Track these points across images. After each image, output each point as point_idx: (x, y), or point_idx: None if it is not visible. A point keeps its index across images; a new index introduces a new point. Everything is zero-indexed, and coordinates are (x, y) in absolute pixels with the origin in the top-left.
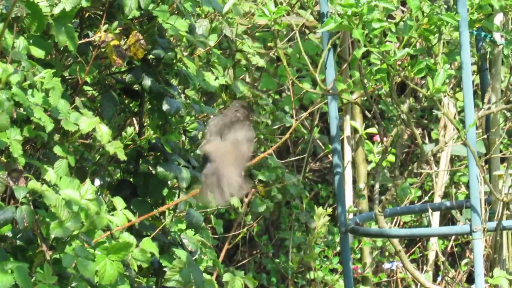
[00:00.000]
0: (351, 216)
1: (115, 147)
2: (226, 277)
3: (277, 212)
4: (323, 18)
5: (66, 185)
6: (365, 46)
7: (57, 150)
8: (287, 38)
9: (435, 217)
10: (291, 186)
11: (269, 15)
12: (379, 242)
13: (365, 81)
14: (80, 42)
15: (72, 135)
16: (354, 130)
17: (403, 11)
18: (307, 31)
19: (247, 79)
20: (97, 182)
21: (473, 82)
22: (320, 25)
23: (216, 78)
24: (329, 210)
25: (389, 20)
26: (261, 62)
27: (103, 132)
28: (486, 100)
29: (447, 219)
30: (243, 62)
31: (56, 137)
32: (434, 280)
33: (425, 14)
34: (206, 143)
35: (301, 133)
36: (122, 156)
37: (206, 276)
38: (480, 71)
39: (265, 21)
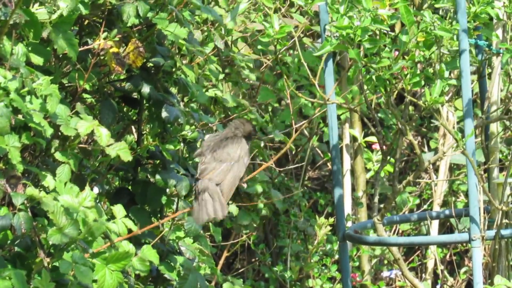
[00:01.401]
0: (349, 224)
1: (119, 148)
2: (225, 286)
3: (275, 220)
4: (322, 25)
5: (67, 191)
6: (361, 63)
7: (59, 156)
8: (286, 47)
9: (434, 225)
10: (278, 201)
11: (273, 34)
12: (378, 250)
13: (365, 87)
14: (79, 49)
15: (72, 140)
16: (353, 138)
17: (403, 24)
18: (302, 36)
19: (238, 93)
20: (96, 190)
21: (472, 90)
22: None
23: (207, 90)
24: (331, 220)
25: (387, 32)
26: (252, 77)
27: (102, 133)
28: (485, 109)
29: (446, 227)
30: (234, 76)
31: (55, 143)
32: None
33: (419, 29)
34: (201, 161)
35: (291, 148)
36: (126, 157)
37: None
38: (480, 78)
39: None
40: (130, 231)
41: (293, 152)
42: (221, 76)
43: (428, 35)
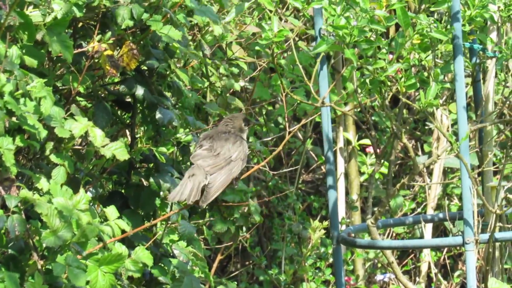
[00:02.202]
0: (343, 227)
1: (115, 148)
2: None
3: (269, 223)
4: (316, 28)
5: (63, 193)
6: (357, 64)
7: (54, 158)
8: (281, 50)
9: (428, 228)
10: (255, 213)
11: (272, 37)
12: (372, 253)
13: (359, 90)
14: (73, 52)
15: (67, 143)
16: (347, 142)
17: (399, 25)
18: (297, 39)
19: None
20: (89, 194)
21: (466, 94)
22: (314, 39)
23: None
24: (326, 223)
25: (383, 33)
26: (237, 86)
27: (96, 134)
28: (479, 112)
29: (440, 230)
30: (217, 84)
31: (50, 145)
32: None
33: (415, 31)
34: (196, 156)
35: (272, 159)
36: (123, 156)
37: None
38: (474, 82)
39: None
40: (123, 232)
41: (286, 155)
42: (206, 84)
43: (424, 37)
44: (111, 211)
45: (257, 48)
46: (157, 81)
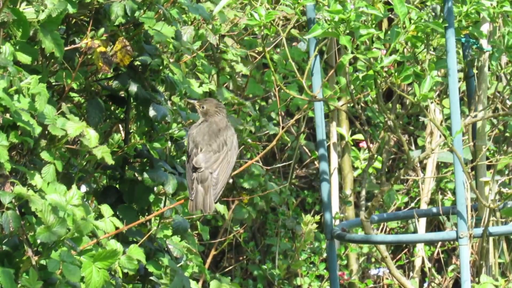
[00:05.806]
0: (337, 222)
1: (102, 151)
2: (213, 284)
3: (263, 218)
4: (310, 25)
5: (53, 191)
6: (352, 52)
7: (45, 155)
8: (273, 45)
9: (422, 223)
10: (274, 194)
11: (259, 20)
12: (366, 248)
13: (352, 87)
14: (66, 48)
15: (59, 140)
16: (341, 137)
17: (391, 20)
18: (293, 31)
19: (231, 87)
20: (83, 188)
21: (459, 89)
22: (307, 32)
23: (200, 84)
24: (317, 217)
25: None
26: (245, 70)
27: (91, 136)
28: (473, 107)
29: (434, 225)
30: (227, 69)
31: (43, 142)
32: (421, 287)
33: (412, 21)
34: (198, 160)
35: (285, 141)
36: (109, 161)
37: (192, 283)
38: (467, 78)
39: (253, 25)
40: (117, 228)
41: (279, 150)
42: (213, 71)
43: (419, 28)
44: (105, 208)
45: (246, 38)
46: (150, 76)
